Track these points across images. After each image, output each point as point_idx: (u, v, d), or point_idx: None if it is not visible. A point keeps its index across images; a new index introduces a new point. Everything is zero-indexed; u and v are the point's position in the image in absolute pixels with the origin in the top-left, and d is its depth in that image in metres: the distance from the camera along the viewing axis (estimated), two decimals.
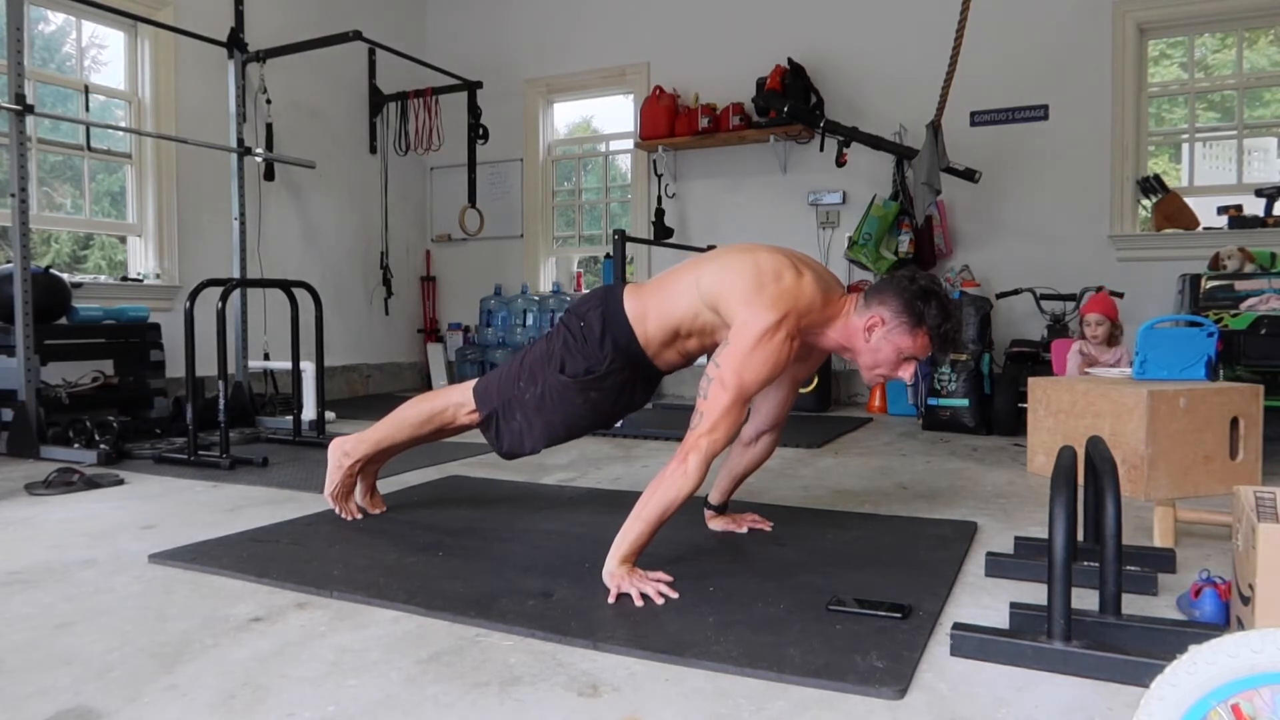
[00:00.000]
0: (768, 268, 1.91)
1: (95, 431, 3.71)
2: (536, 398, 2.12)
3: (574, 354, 2.08)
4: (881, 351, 1.92)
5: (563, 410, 2.11)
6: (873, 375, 1.97)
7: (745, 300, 1.88)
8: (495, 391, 2.21)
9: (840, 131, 5.20)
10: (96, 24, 4.87)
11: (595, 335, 2.06)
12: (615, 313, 2.07)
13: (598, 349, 2.06)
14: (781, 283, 1.89)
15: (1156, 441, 2.87)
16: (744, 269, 1.92)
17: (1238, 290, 3.88)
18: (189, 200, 5.16)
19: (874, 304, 1.93)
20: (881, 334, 1.91)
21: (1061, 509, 1.44)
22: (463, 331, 6.97)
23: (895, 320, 1.90)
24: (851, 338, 1.96)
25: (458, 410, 2.28)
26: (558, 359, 2.10)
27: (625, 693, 1.36)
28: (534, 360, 2.16)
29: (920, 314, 1.88)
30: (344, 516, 2.49)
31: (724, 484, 2.39)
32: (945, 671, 1.44)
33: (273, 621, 1.68)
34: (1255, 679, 0.89)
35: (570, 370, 2.08)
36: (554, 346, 2.13)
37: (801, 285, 1.91)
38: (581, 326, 2.09)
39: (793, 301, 1.88)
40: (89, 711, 1.30)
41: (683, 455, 1.83)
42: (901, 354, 1.91)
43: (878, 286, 1.96)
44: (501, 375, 2.23)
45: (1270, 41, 5.20)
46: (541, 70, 6.68)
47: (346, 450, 2.47)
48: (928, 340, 1.90)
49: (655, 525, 1.84)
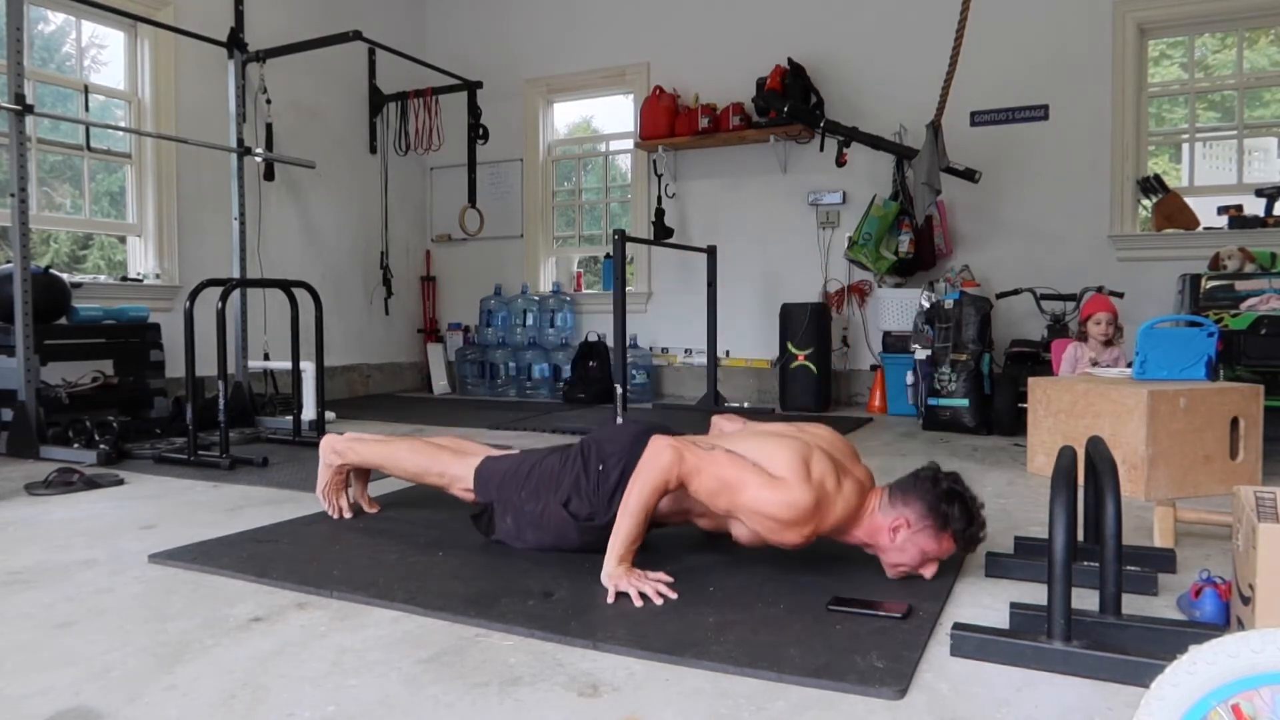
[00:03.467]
0: (816, 465, 1.86)
1: (95, 431, 3.71)
2: (534, 515, 2.12)
3: (582, 496, 2.07)
4: (907, 553, 1.89)
5: (554, 536, 2.11)
6: (895, 572, 1.94)
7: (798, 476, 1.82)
8: (496, 486, 2.20)
9: (840, 131, 5.20)
10: (96, 24, 4.87)
11: (608, 487, 2.05)
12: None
13: (606, 502, 2.04)
14: (825, 488, 1.84)
15: (1156, 441, 2.87)
16: (796, 452, 1.87)
17: (1238, 290, 3.88)
18: (189, 200, 5.16)
19: (898, 504, 1.90)
20: (907, 536, 1.88)
21: (1061, 509, 1.44)
22: (463, 331, 6.97)
23: (920, 523, 1.86)
24: (876, 535, 1.92)
25: (454, 481, 2.30)
26: (565, 491, 2.10)
27: (625, 693, 1.36)
28: (542, 477, 2.15)
29: (945, 517, 1.84)
30: (333, 515, 2.50)
31: None
32: (945, 671, 1.44)
33: (273, 621, 1.68)
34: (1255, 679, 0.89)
35: (573, 509, 2.08)
36: (565, 475, 2.12)
37: (839, 496, 1.87)
38: (599, 471, 2.07)
39: (825, 512, 1.84)
40: (89, 711, 1.29)
41: (657, 447, 1.85)
42: (926, 555, 1.88)
43: (902, 486, 1.93)
44: (506, 471, 2.21)
45: (1270, 41, 5.20)
46: (541, 70, 6.68)
47: (337, 450, 2.48)
48: (952, 543, 1.87)
49: (641, 517, 1.84)
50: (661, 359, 6.36)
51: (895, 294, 5.37)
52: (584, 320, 6.61)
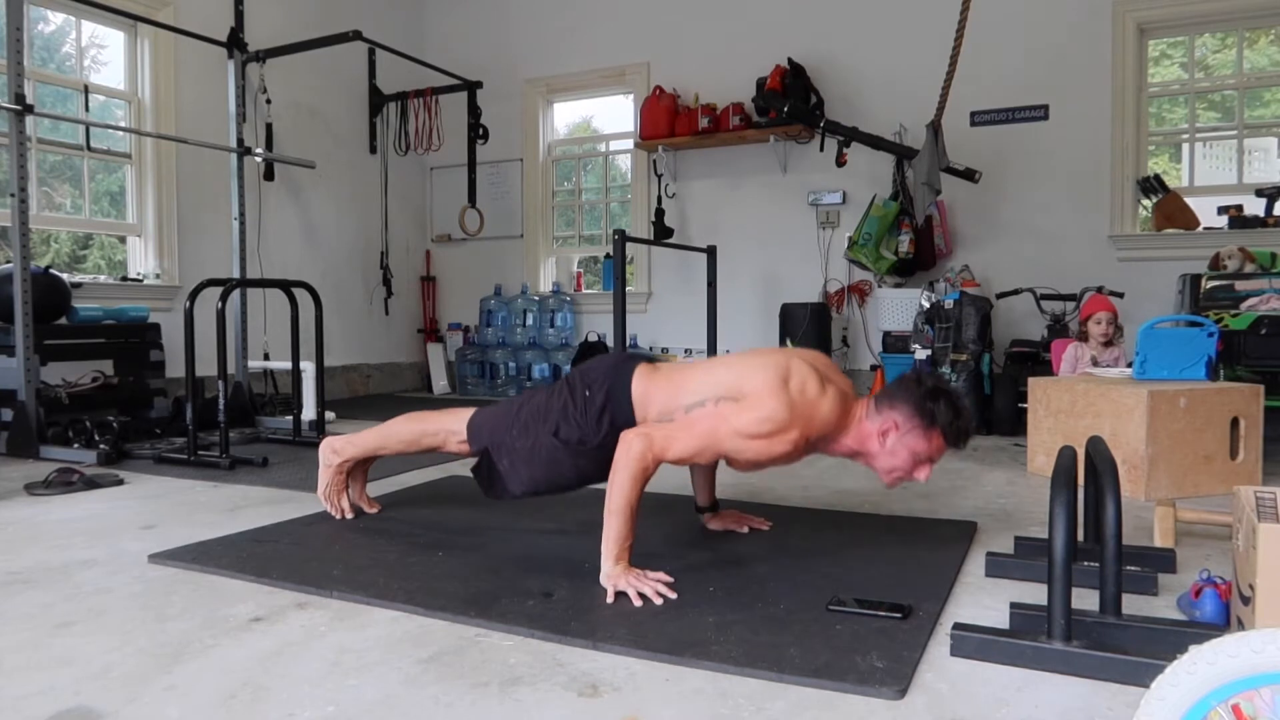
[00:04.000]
0: (795, 374, 1.90)
1: (95, 431, 3.71)
2: (527, 450, 2.14)
3: (570, 421, 2.09)
4: (898, 455, 1.92)
5: (549, 469, 2.13)
6: (891, 478, 1.96)
7: (768, 388, 1.87)
8: (488, 431, 2.22)
9: (840, 131, 5.20)
10: (96, 24, 4.87)
11: (595, 409, 2.07)
12: (620, 393, 2.07)
13: (594, 424, 2.07)
14: (805, 395, 1.88)
15: (1157, 441, 2.87)
16: (772, 366, 1.91)
17: (1238, 290, 3.88)
18: (189, 200, 5.16)
19: (885, 409, 1.93)
20: (896, 438, 1.91)
21: (1061, 509, 1.44)
22: (463, 331, 6.98)
23: (908, 424, 1.90)
24: (866, 442, 1.95)
25: (449, 437, 2.31)
26: (554, 421, 2.11)
27: (625, 693, 1.36)
28: (531, 413, 2.16)
29: (933, 414, 1.88)
30: (335, 515, 2.50)
31: (700, 484, 2.39)
32: (945, 672, 1.44)
33: (273, 621, 1.68)
34: (1256, 679, 0.89)
35: (563, 436, 2.09)
36: (553, 405, 2.13)
37: (822, 400, 1.90)
38: (585, 396, 2.10)
39: (810, 416, 1.87)
40: (89, 711, 1.29)
41: (626, 440, 1.86)
42: (917, 456, 1.91)
43: (887, 391, 1.96)
44: (497, 416, 2.24)
45: (1270, 41, 5.20)
46: (541, 70, 6.68)
47: (335, 449, 2.49)
48: (942, 440, 1.90)
49: (626, 514, 1.84)
50: (662, 359, 6.36)
51: (895, 294, 5.37)
52: (584, 320, 6.61)
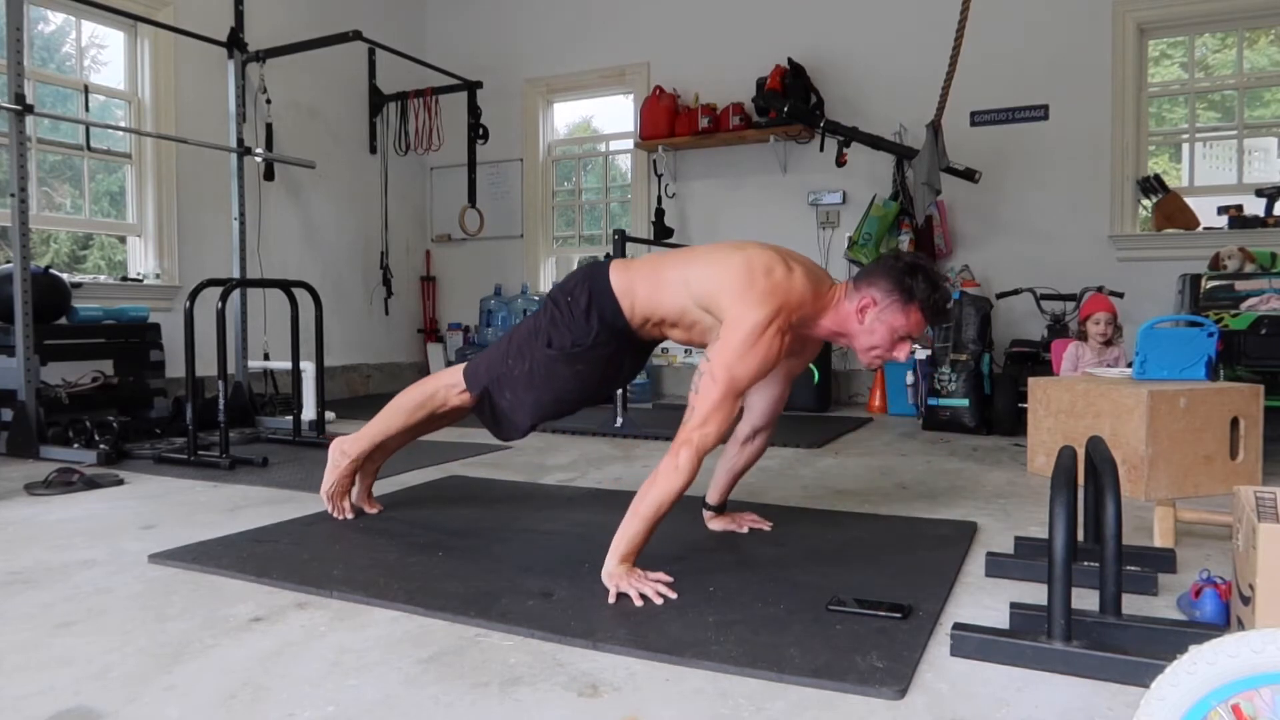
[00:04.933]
0: (758, 264, 1.93)
1: (95, 431, 3.71)
2: (525, 374, 2.14)
3: (560, 328, 2.10)
4: (877, 333, 1.95)
5: (551, 384, 2.13)
6: (870, 357, 2.00)
7: (736, 296, 1.90)
8: (484, 370, 2.23)
9: (840, 131, 5.20)
10: (96, 24, 4.87)
11: (581, 308, 2.08)
12: (601, 287, 2.08)
13: (584, 322, 2.07)
14: (772, 277, 1.91)
15: (1157, 441, 2.87)
16: (734, 265, 1.94)
17: (1238, 290, 3.88)
18: (189, 200, 5.16)
19: (863, 287, 1.97)
20: (875, 314, 1.95)
21: (1061, 509, 1.44)
22: (463, 331, 6.98)
23: (886, 299, 1.93)
24: (845, 322, 1.99)
25: (449, 392, 2.30)
26: (544, 334, 2.12)
27: (625, 693, 1.36)
28: (521, 337, 2.18)
29: (910, 289, 1.91)
30: (336, 516, 2.49)
31: (722, 483, 2.38)
32: (945, 672, 1.44)
33: (273, 621, 1.68)
34: (1256, 679, 0.89)
35: (557, 344, 2.09)
36: (541, 322, 2.15)
37: (792, 280, 1.94)
38: (568, 301, 2.10)
39: (784, 296, 1.91)
40: (89, 711, 1.29)
41: (675, 450, 1.85)
42: (896, 333, 1.95)
43: (865, 270, 2.01)
44: (490, 355, 2.24)
45: (1270, 41, 5.20)
46: (541, 70, 6.68)
47: (345, 449, 2.48)
48: (920, 314, 1.93)
49: (651, 523, 1.84)
50: (662, 359, 6.36)
51: None
52: None
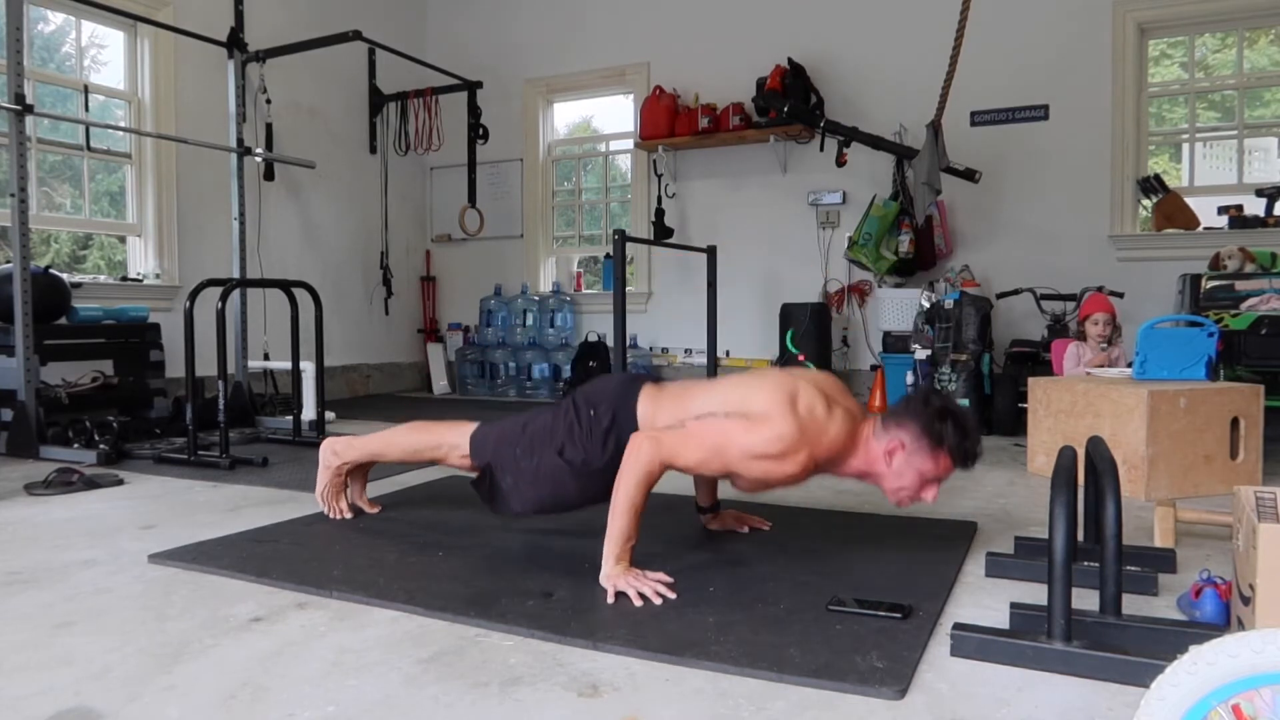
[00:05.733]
0: (803, 396, 1.89)
1: (95, 431, 3.70)
2: (531, 469, 2.13)
3: (576, 443, 2.08)
4: (905, 476, 1.91)
5: (553, 490, 2.12)
6: (898, 498, 1.95)
7: (778, 408, 1.85)
8: (491, 447, 2.21)
9: (840, 131, 5.20)
10: (96, 24, 4.87)
11: (601, 429, 2.06)
12: (626, 415, 2.07)
13: (600, 446, 2.06)
14: (814, 415, 1.87)
15: (1157, 441, 2.87)
16: (780, 386, 1.90)
17: (1238, 290, 3.88)
18: (189, 200, 5.15)
19: (892, 428, 1.92)
20: (903, 459, 1.90)
21: (1061, 509, 1.44)
22: (463, 331, 6.98)
23: (915, 444, 1.88)
24: (873, 464, 1.94)
25: (451, 451, 2.30)
26: (559, 441, 2.10)
27: (625, 693, 1.36)
28: (536, 432, 2.15)
29: (940, 435, 1.86)
30: (333, 516, 2.49)
31: (704, 485, 2.38)
32: (945, 672, 1.44)
33: (273, 621, 1.68)
34: (1256, 679, 0.89)
35: (568, 456, 2.09)
36: (559, 426, 2.13)
37: (831, 423, 1.89)
38: (591, 415, 2.09)
39: (817, 438, 1.86)
40: (89, 711, 1.29)
41: (636, 443, 1.87)
42: (925, 477, 1.90)
43: (894, 411, 1.95)
44: (501, 432, 2.22)
45: (1270, 41, 5.20)
46: (541, 70, 6.68)
47: (336, 450, 2.49)
48: (950, 461, 1.89)
49: (630, 516, 1.84)
50: (661, 359, 6.36)
51: (895, 294, 5.37)
52: (584, 320, 6.61)
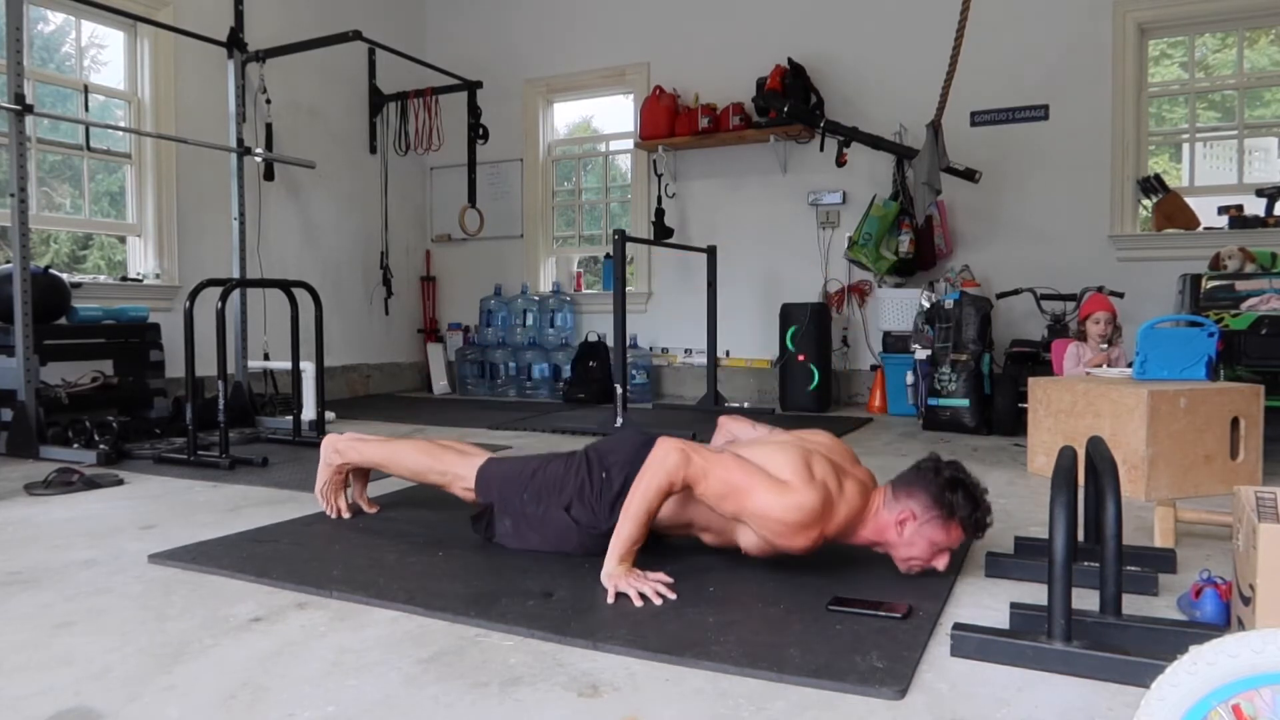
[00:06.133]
0: (818, 469, 1.87)
1: (95, 431, 3.70)
2: (536, 517, 2.13)
3: (585, 503, 2.08)
4: (916, 546, 1.89)
5: (555, 540, 2.12)
6: (908, 566, 1.93)
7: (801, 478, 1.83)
8: (497, 487, 2.21)
9: (840, 131, 5.20)
10: (96, 24, 4.87)
11: (612, 493, 2.05)
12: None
13: (607, 510, 2.04)
14: (828, 489, 1.85)
15: (1157, 441, 2.87)
16: (795, 461, 1.87)
17: (1238, 290, 3.88)
18: (189, 200, 5.15)
19: (902, 498, 1.90)
20: (914, 529, 1.88)
21: (1062, 509, 1.44)
22: (463, 331, 6.98)
23: (926, 515, 1.86)
24: (883, 532, 1.93)
25: (456, 480, 2.31)
26: (568, 496, 2.10)
27: (625, 693, 1.36)
28: (546, 482, 2.15)
29: (951, 506, 1.85)
30: (331, 514, 2.49)
31: None
32: (945, 672, 1.44)
33: (273, 621, 1.68)
34: (1256, 679, 0.89)
35: (574, 515, 2.08)
36: (569, 481, 2.12)
37: (842, 498, 1.88)
38: (603, 479, 2.08)
39: (831, 513, 1.85)
40: (89, 711, 1.29)
41: (664, 448, 1.85)
42: (936, 546, 1.88)
43: (905, 480, 1.94)
44: (509, 474, 2.22)
45: (1270, 41, 5.20)
46: (541, 70, 6.68)
47: (338, 449, 2.48)
48: (960, 531, 1.87)
49: (643, 520, 1.84)
50: (661, 359, 6.36)
51: (895, 294, 5.37)
52: (584, 320, 6.61)
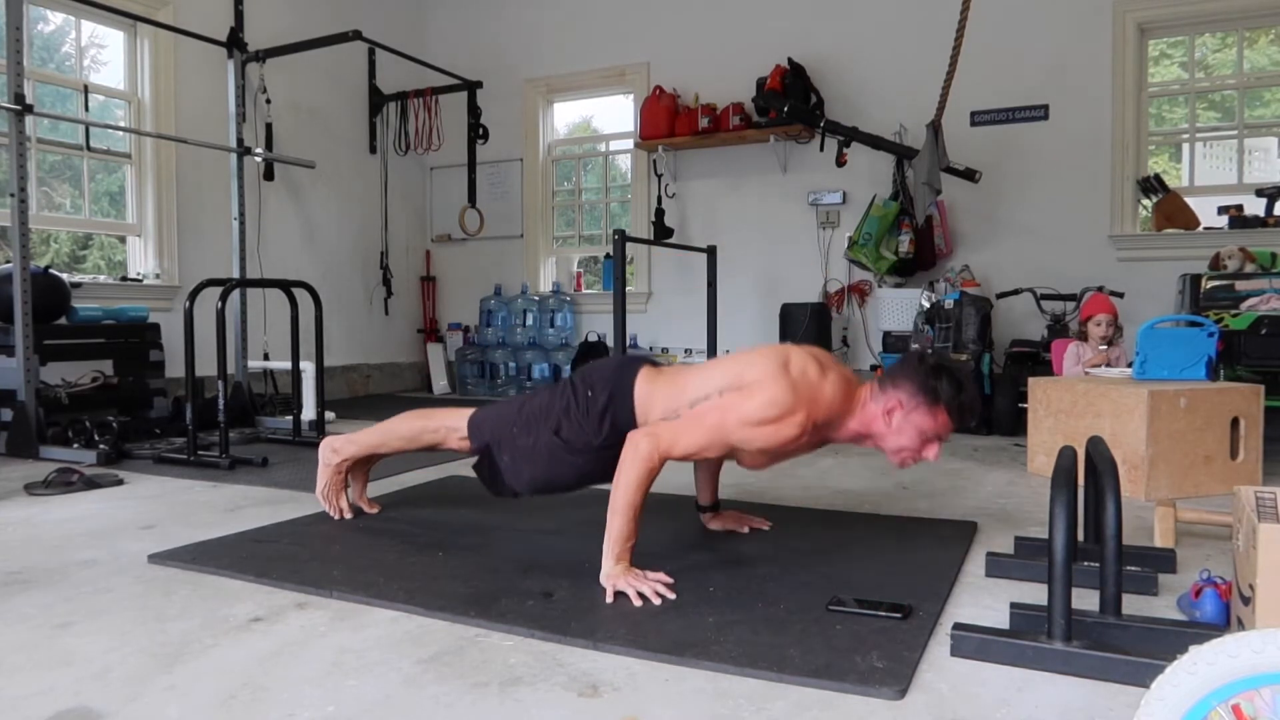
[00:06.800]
0: (795, 361, 1.92)
1: (95, 431, 3.70)
2: (528, 448, 2.14)
3: (573, 421, 2.10)
4: (904, 434, 1.92)
5: (550, 468, 2.13)
6: (900, 458, 1.97)
7: (771, 375, 1.89)
8: (489, 427, 2.23)
9: (840, 131, 5.20)
10: (96, 24, 4.87)
11: (598, 409, 2.08)
12: (623, 395, 2.08)
13: (596, 425, 2.08)
14: (806, 377, 1.90)
15: (1157, 441, 2.87)
16: (771, 355, 1.94)
17: (1238, 290, 3.88)
18: (189, 200, 5.15)
19: (889, 389, 1.94)
20: (902, 417, 1.92)
21: (1062, 509, 1.44)
22: (463, 331, 6.98)
23: (913, 401, 1.90)
24: (871, 424, 1.96)
25: (450, 434, 2.31)
26: (556, 419, 2.12)
27: (625, 693, 1.36)
28: (534, 411, 2.17)
29: (935, 391, 1.88)
30: (334, 515, 2.49)
31: (704, 481, 2.39)
32: (945, 672, 1.44)
33: (273, 621, 1.68)
34: (1256, 679, 0.89)
35: (565, 435, 2.10)
36: (555, 404, 2.14)
37: (824, 384, 1.92)
38: (588, 397, 2.10)
39: (812, 397, 1.89)
40: (89, 711, 1.29)
41: (633, 440, 1.87)
42: (924, 434, 1.92)
43: (891, 371, 1.98)
44: (498, 413, 2.24)
45: (1270, 41, 5.20)
46: (541, 70, 6.68)
47: (335, 448, 2.49)
48: (947, 416, 1.90)
49: (630, 514, 1.84)
50: (662, 359, 6.36)
51: (895, 294, 5.37)
52: (584, 320, 6.61)
